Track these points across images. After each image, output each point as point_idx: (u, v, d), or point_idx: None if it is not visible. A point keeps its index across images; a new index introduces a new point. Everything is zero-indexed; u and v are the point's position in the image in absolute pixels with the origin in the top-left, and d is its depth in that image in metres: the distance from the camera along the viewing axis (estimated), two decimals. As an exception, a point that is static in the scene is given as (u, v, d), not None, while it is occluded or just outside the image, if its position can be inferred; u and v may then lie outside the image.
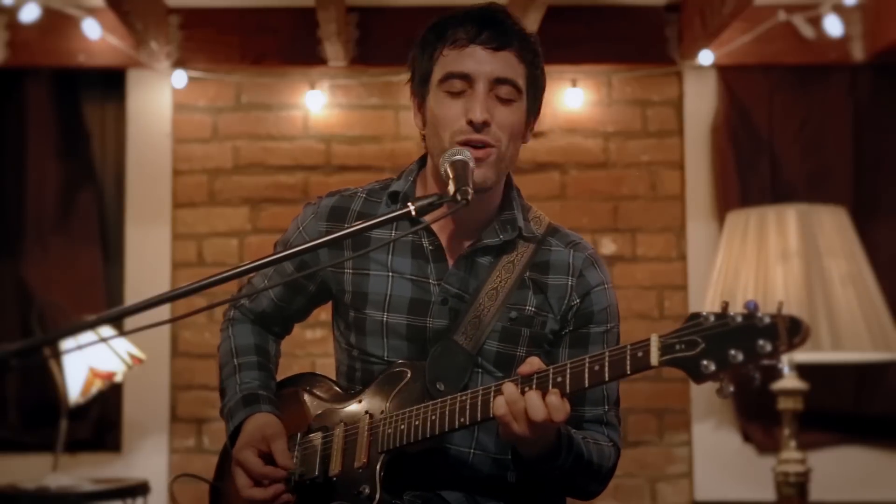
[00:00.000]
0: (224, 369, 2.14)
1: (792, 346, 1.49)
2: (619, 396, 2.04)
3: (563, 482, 1.89)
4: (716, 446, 4.08)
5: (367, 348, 2.02)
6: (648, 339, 1.62)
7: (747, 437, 4.07)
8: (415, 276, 1.99)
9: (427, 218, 1.81)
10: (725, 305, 1.57)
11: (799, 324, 1.50)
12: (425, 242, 2.00)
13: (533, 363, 1.75)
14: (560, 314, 2.00)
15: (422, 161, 2.10)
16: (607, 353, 1.67)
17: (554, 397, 1.70)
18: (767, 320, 1.51)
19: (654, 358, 1.61)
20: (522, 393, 1.73)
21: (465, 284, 1.98)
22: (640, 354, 1.63)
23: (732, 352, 1.53)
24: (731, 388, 1.55)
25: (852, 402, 4.05)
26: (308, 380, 2.12)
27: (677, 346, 1.59)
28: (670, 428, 4.11)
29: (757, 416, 4.01)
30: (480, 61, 1.91)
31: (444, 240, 2.01)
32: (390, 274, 2.00)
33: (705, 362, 1.55)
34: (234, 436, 2.02)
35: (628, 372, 1.65)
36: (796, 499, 3.56)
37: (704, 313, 1.58)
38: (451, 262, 2.00)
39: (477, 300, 1.97)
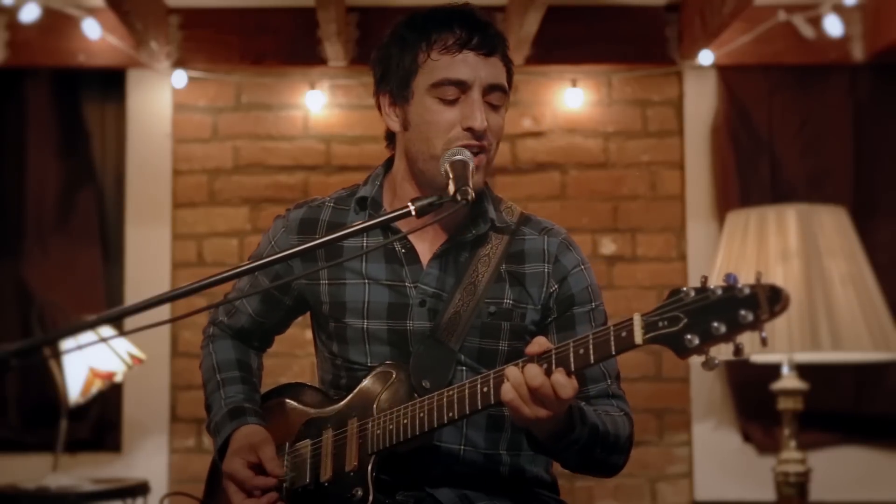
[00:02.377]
0: (208, 386, 2.16)
1: (773, 315, 1.50)
2: (619, 370, 2.03)
3: (582, 457, 1.86)
4: (716, 446, 4.08)
5: (350, 356, 2.02)
6: (631, 319, 1.62)
7: (747, 437, 4.07)
8: (390, 280, 2.00)
9: (410, 225, 1.82)
10: (705, 280, 1.57)
11: (779, 292, 1.50)
12: (397, 246, 2.00)
13: (541, 342, 1.73)
14: (541, 302, 2.00)
15: (387, 164, 2.10)
16: (591, 336, 1.67)
17: (559, 375, 1.68)
18: (747, 291, 1.51)
19: (638, 336, 1.61)
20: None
21: (442, 283, 1.98)
22: (623, 334, 1.63)
23: (715, 324, 1.53)
24: (717, 361, 1.56)
25: (852, 402, 4.05)
26: (293, 389, 2.12)
27: (660, 323, 1.59)
28: (670, 428, 4.11)
29: (757, 416, 4.01)
30: (475, 68, 1.91)
31: (415, 241, 2.00)
32: (366, 281, 2.00)
33: (689, 336, 1.55)
34: (222, 450, 2.02)
35: (613, 352, 1.65)
36: (796, 499, 3.56)
37: (685, 289, 1.58)
38: (424, 263, 2.00)
39: (455, 297, 1.97)
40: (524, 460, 2.01)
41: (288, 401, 2.09)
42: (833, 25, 3.95)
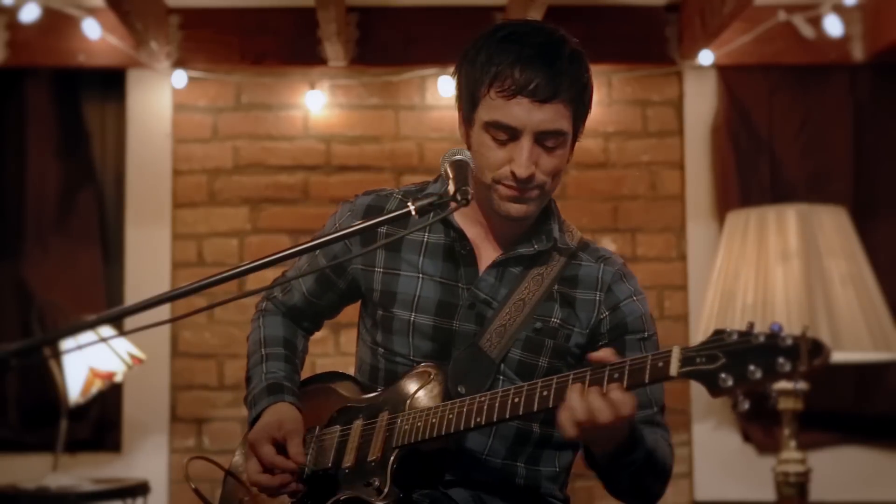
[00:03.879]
0: (252, 358, 2.17)
1: (812, 368, 1.51)
2: (665, 404, 2.04)
3: (633, 481, 1.87)
4: (716, 446, 4.08)
5: (392, 347, 2.04)
6: (670, 350, 1.64)
7: (747, 437, 4.07)
8: (444, 278, 2.02)
9: (462, 211, 1.81)
10: (751, 326, 1.58)
11: (821, 346, 1.52)
12: (457, 246, 2.02)
13: (602, 354, 1.73)
14: (590, 327, 2.01)
15: None
16: (628, 362, 1.68)
17: (616, 393, 1.68)
18: (790, 341, 1.53)
19: (674, 369, 1.62)
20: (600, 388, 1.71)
21: (495, 291, 2.00)
22: (660, 364, 1.64)
23: (752, 368, 1.54)
24: (747, 405, 1.56)
25: (852, 402, 4.05)
26: (333, 377, 2.16)
27: (698, 360, 1.60)
28: (670, 428, 4.10)
29: (757, 416, 4.00)
30: (528, 114, 1.87)
31: (477, 246, 2.02)
32: (420, 275, 2.02)
33: (723, 376, 1.56)
34: (255, 423, 2.05)
35: (646, 381, 1.66)
36: (796, 499, 3.56)
37: (728, 330, 1.60)
38: (481, 269, 2.01)
39: (504, 308, 1.98)
40: (541, 476, 2.03)
41: (329, 386, 2.12)
42: (833, 25, 3.95)
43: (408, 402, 1.95)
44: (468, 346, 1.97)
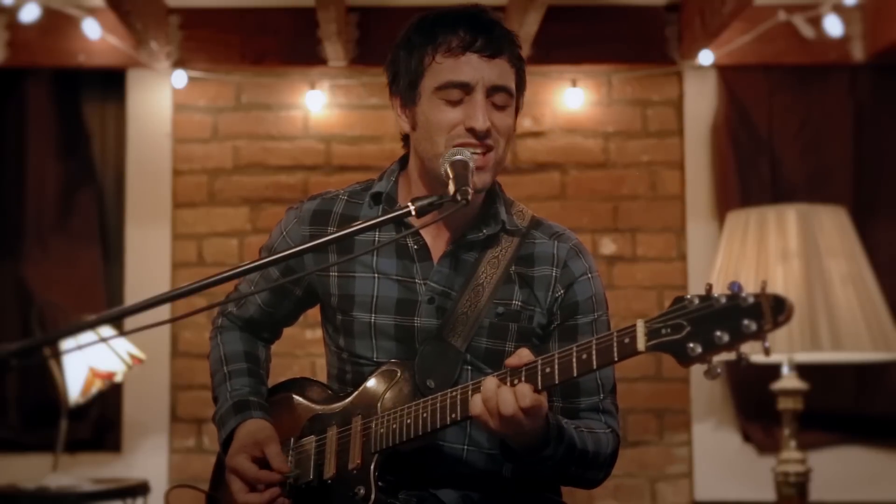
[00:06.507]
0: (215, 378, 2.15)
1: (776, 325, 1.49)
2: (615, 383, 2.04)
3: (557, 472, 1.88)
4: (716, 446, 4.08)
5: (356, 350, 2.03)
6: (634, 325, 1.62)
7: (747, 437, 4.07)
8: (400, 276, 2.00)
9: (421, 220, 1.82)
10: (709, 288, 1.57)
11: (783, 302, 1.49)
12: (410, 242, 2.01)
13: (522, 355, 1.75)
14: (546, 306, 2.01)
15: (402, 161, 2.10)
16: (594, 341, 1.67)
17: (523, 387, 1.69)
18: (751, 300, 1.51)
19: (641, 343, 1.61)
20: (512, 384, 1.73)
21: (451, 282, 1.99)
22: (626, 341, 1.63)
23: (718, 333, 1.53)
24: (719, 370, 1.55)
25: (852, 402, 4.05)
26: (299, 384, 2.13)
27: (663, 331, 1.59)
28: (670, 428, 4.11)
29: (757, 416, 4.01)
30: (478, 69, 1.92)
31: (428, 238, 2.02)
32: (376, 275, 2.01)
33: (691, 345, 1.55)
34: (226, 443, 2.03)
35: (616, 359, 1.65)
36: (796, 499, 3.56)
37: (689, 296, 1.58)
38: (435, 261, 2.00)
39: (463, 297, 1.97)
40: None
41: (294, 396, 2.10)
42: (833, 25, 3.95)
43: (379, 403, 1.93)
44: (433, 338, 1.96)
